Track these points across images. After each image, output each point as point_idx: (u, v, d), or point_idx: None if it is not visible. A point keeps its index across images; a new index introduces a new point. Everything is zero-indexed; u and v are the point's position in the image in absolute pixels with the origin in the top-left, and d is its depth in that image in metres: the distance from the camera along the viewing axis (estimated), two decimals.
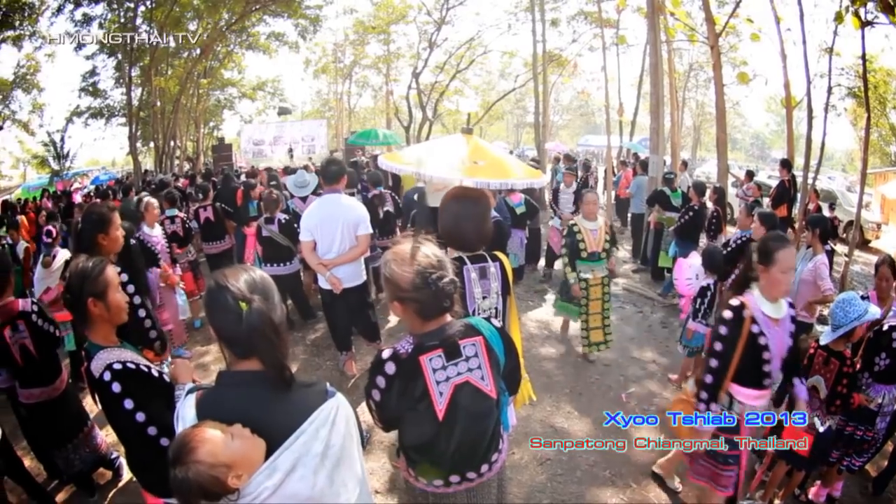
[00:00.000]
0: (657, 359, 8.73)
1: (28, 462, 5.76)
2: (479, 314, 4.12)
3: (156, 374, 3.24)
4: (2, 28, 32.99)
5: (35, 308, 5.48)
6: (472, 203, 4.24)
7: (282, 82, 54.71)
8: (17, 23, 34.39)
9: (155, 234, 8.90)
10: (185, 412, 2.32)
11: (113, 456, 6.38)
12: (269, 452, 2.13)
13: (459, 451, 3.10)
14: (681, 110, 34.02)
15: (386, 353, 2.95)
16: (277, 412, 2.22)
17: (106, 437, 6.48)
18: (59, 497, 5.95)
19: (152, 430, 3.02)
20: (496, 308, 4.37)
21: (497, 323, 3.24)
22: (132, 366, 3.09)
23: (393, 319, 10.52)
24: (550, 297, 11.32)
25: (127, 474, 6.39)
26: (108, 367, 3.02)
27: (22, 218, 13.52)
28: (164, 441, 2.99)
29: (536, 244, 13.87)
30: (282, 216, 9.53)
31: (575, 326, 9.27)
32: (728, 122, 15.91)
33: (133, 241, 7.03)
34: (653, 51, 15.59)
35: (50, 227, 9.21)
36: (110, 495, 6.20)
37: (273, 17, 36.66)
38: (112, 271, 3.25)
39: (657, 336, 9.68)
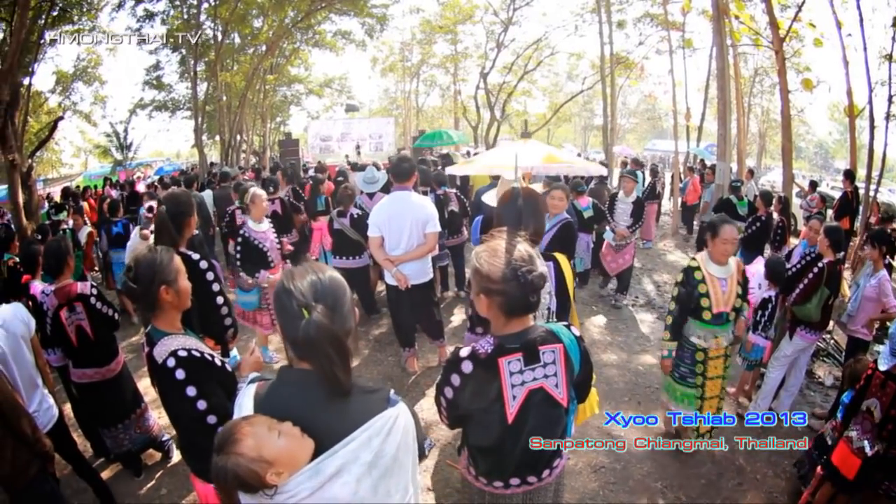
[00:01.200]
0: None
1: (74, 438, 5.82)
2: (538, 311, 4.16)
3: (218, 363, 3.28)
4: (60, 23, 33.47)
5: (94, 291, 5.70)
6: (527, 200, 4.38)
7: (349, 80, 54.85)
8: (75, 18, 34.91)
9: (262, 229, 8.15)
10: (244, 401, 2.35)
11: (164, 438, 6.57)
12: (318, 454, 2.12)
13: (524, 455, 3.08)
14: (747, 116, 33.34)
15: (464, 352, 2.95)
16: (332, 415, 2.20)
17: (158, 419, 6.66)
18: (104, 474, 6.09)
19: (212, 419, 3.06)
20: (549, 308, 4.44)
21: (577, 332, 3.21)
22: (197, 353, 3.13)
23: (456, 319, 10.52)
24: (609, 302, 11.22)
25: (176, 457, 6.57)
26: (173, 353, 3.06)
27: (84, 204, 13.77)
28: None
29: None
30: (355, 211, 9.62)
31: (652, 329, 9.45)
32: (793, 130, 15.63)
33: (239, 237, 7.23)
34: (719, 55, 15.33)
35: (151, 204, 9.59)
36: (157, 476, 6.36)
37: (339, 16, 36.74)
38: (178, 258, 3.31)
39: None
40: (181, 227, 4.63)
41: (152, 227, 7.47)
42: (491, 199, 6.69)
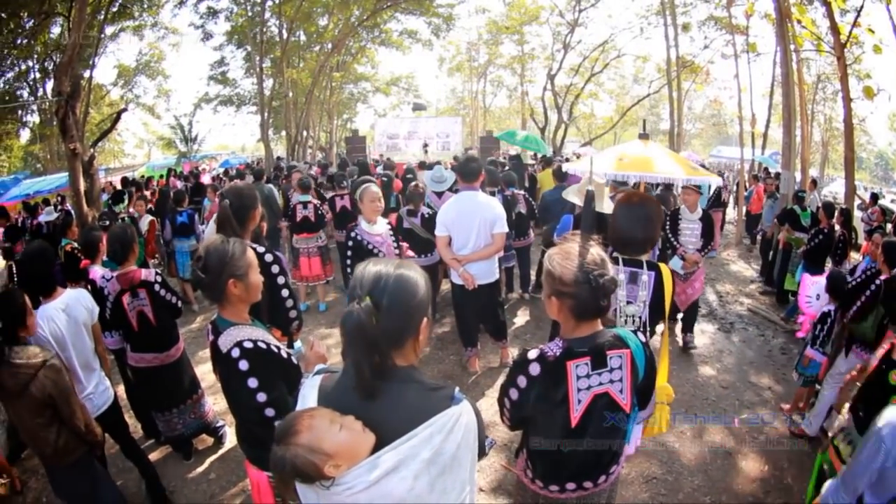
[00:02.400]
0: (773, 385, 8.28)
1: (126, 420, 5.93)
2: (619, 318, 4.20)
3: (284, 355, 3.27)
4: (120, 18, 34.06)
5: (158, 278, 5.78)
6: (642, 206, 4.34)
7: (416, 78, 55.50)
8: (136, 13, 35.54)
9: (377, 231, 7.60)
10: (307, 392, 2.34)
11: (218, 424, 6.65)
12: (379, 448, 2.08)
13: (583, 460, 3.09)
14: (810, 124, 32.88)
15: (532, 354, 2.94)
16: (397, 410, 2.16)
17: (214, 405, 6.74)
18: (153, 455, 6.24)
19: (270, 412, 3.05)
20: (640, 317, 4.38)
21: (643, 338, 3.18)
22: (262, 345, 3.14)
23: (519, 320, 10.47)
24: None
25: (229, 444, 6.65)
26: (239, 344, 3.06)
27: (147, 194, 13.98)
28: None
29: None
30: (426, 210, 9.56)
31: (712, 340, 9.31)
32: (854, 140, 15.35)
33: (350, 242, 7.21)
34: (783, 60, 15.06)
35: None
36: (208, 461, 6.44)
37: (405, 15, 37.19)
38: (251, 252, 3.27)
39: (776, 362, 9.19)
40: (244, 221, 4.60)
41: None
42: (572, 196, 6.71)
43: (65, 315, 4.77)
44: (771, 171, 20.82)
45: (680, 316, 9.52)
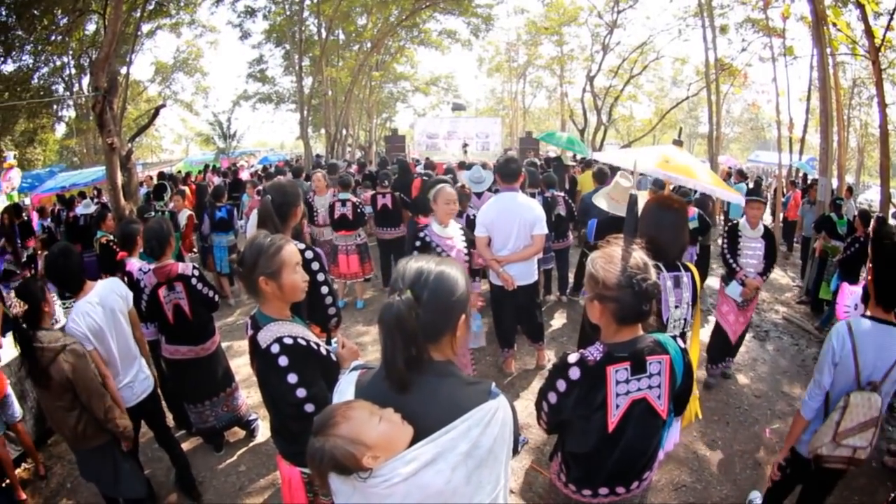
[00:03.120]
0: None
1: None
2: (670, 323, 4.20)
3: (323, 352, 3.29)
4: (157, 16, 34.38)
5: (195, 272, 5.85)
6: (673, 211, 4.34)
7: (455, 78, 55.67)
8: (172, 11, 35.85)
9: (448, 234, 6.96)
10: (345, 387, 2.40)
11: (251, 418, 6.73)
12: (416, 440, 2.09)
13: (618, 465, 3.08)
14: (846, 130, 32.42)
15: (573, 358, 2.94)
16: (433, 404, 2.17)
17: (247, 398, 6.80)
18: (184, 446, 6.27)
19: (310, 408, 3.06)
20: (685, 319, 4.37)
21: (682, 344, 3.18)
22: (303, 342, 3.14)
23: (556, 323, 10.44)
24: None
25: (261, 437, 6.72)
26: (278, 339, 3.07)
27: (185, 189, 14.11)
28: None
29: (706, 261, 12.86)
30: (472, 212, 9.59)
31: (747, 349, 9.17)
32: (890, 146, 15.10)
33: (417, 242, 7.24)
34: (819, 63, 14.78)
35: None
36: (238, 453, 6.52)
37: (444, 15, 37.17)
38: (290, 251, 3.22)
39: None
40: (286, 217, 4.66)
41: None
42: (601, 202, 6.74)
43: (100, 307, 4.84)
44: (809, 178, 20.48)
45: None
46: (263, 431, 6.78)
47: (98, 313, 4.80)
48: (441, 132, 40.79)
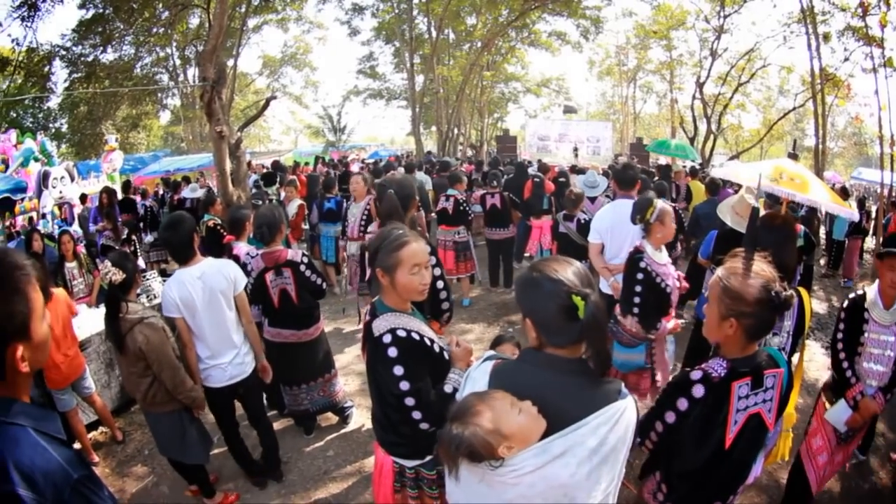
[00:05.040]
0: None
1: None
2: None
3: (437, 349, 3.29)
4: (262, 11, 34.98)
5: (304, 259, 6.01)
6: (779, 229, 4.24)
7: (566, 81, 55.32)
8: (279, 7, 36.46)
9: (663, 261, 6.01)
10: (478, 376, 2.44)
11: (346, 405, 6.84)
12: (548, 434, 2.15)
13: (724, 481, 3.03)
14: None
15: (696, 375, 2.87)
16: (568, 399, 2.22)
17: (344, 385, 6.92)
18: (274, 425, 6.32)
19: (410, 401, 3.07)
20: (784, 349, 4.21)
21: (785, 357, 3.10)
22: (416, 336, 3.16)
23: None
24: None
25: (353, 425, 6.82)
26: (392, 331, 3.10)
27: (295, 178, 14.31)
28: (416, 414, 3.09)
29: (808, 283, 12.51)
30: (582, 215, 9.33)
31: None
32: None
33: (640, 275, 7.17)
34: None
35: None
36: (328, 438, 6.61)
37: (553, 16, 37.20)
38: (411, 251, 3.15)
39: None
40: (406, 209, 4.80)
41: None
42: (725, 216, 6.58)
43: (200, 282, 4.96)
44: None
45: None
46: (357, 419, 6.91)
47: (196, 287, 4.94)
48: (552, 134, 40.39)
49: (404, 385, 3.04)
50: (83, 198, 17.00)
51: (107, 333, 4.70)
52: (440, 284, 4.57)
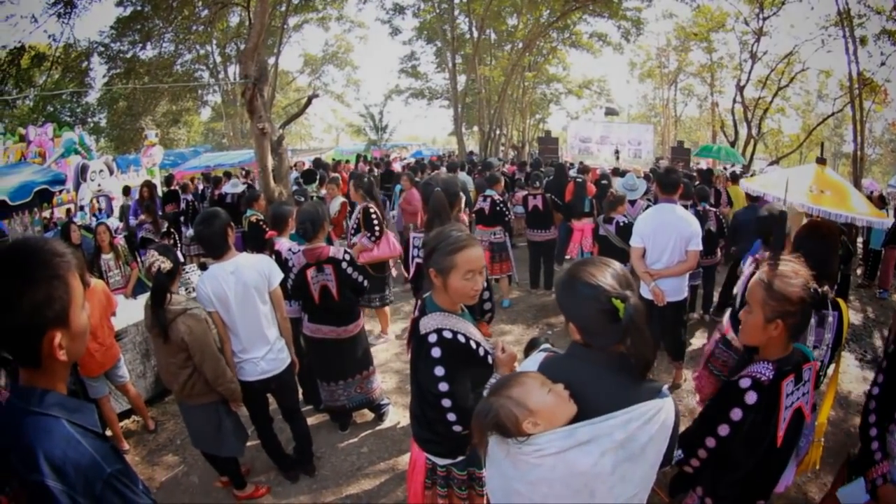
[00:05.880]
0: None
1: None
2: None
3: (481, 353, 3.27)
4: (302, 10, 35.20)
5: (347, 257, 6.01)
6: (822, 239, 4.19)
7: (608, 83, 55.43)
8: (319, 6, 36.66)
9: None
10: (529, 366, 2.51)
11: (383, 402, 6.85)
12: (577, 421, 2.18)
13: (772, 477, 3.04)
14: None
15: (745, 382, 2.82)
16: (603, 391, 2.23)
17: (382, 383, 6.91)
18: (309, 420, 6.34)
19: (446, 403, 3.08)
20: (822, 362, 4.11)
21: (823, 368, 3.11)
22: (461, 338, 3.16)
23: (696, 342, 9.82)
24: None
25: (389, 422, 6.82)
26: (438, 331, 3.11)
27: (338, 176, 14.36)
28: (451, 416, 3.10)
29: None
30: (621, 218, 9.31)
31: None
32: None
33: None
34: None
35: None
36: (362, 434, 6.62)
37: (594, 17, 37.14)
38: (468, 257, 3.11)
39: None
40: (451, 207, 4.87)
41: None
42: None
43: (233, 277, 5.00)
44: None
45: None
46: (392, 417, 6.91)
47: (229, 282, 4.98)
48: (594, 136, 40.39)
49: (443, 386, 3.05)
50: (126, 190, 17.17)
51: (152, 323, 4.71)
52: (483, 284, 4.54)
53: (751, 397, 2.76)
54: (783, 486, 3.56)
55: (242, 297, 5.04)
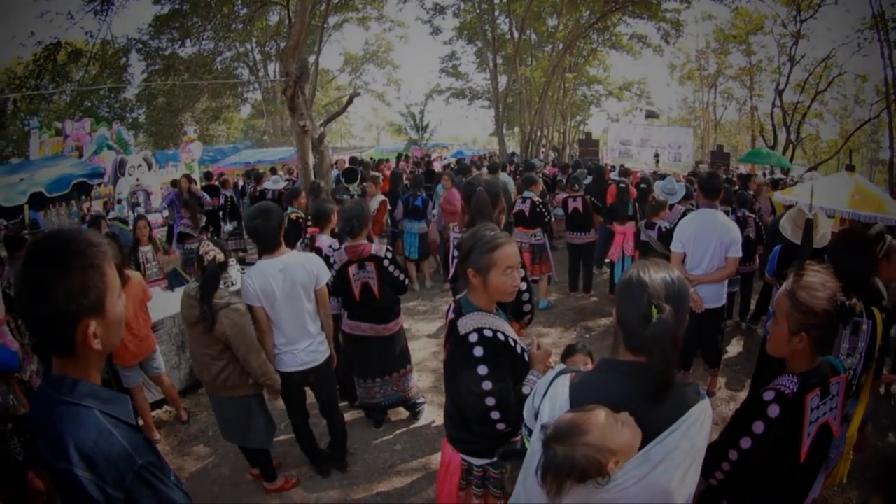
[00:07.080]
0: None
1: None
2: None
3: (518, 350, 3.28)
4: (342, 9, 35.37)
5: (388, 255, 6.06)
6: (859, 246, 4.13)
7: (648, 85, 55.36)
8: (359, 5, 36.85)
9: None
10: (557, 392, 2.38)
11: (419, 401, 6.88)
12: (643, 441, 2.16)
13: (797, 494, 2.97)
14: None
15: (768, 395, 2.75)
16: (653, 406, 2.20)
17: (418, 381, 6.96)
18: (345, 417, 6.38)
19: (490, 401, 3.07)
20: (855, 370, 4.06)
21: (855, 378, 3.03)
22: (501, 336, 3.15)
23: (732, 350, 9.78)
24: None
25: (423, 421, 6.84)
26: (478, 330, 3.11)
27: (378, 174, 14.40)
28: (495, 414, 3.09)
29: (879, 299, 12.02)
30: (663, 223, 9.20)
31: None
32: None
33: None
34: None
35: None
36: (397, 432, 6.65)
37: (634, 19, 37.01)
38: (506, 253, 3.16)
39: None
40: (493, 207, 4.84)
41: None
42: (785, 228, 6.50)
43: (281, 274, 5.03)
44: None
45: None
46: (427, 416, 6.93)
47: (277, 279, 5.02)
48: (634, 139, 39.97)
49: (487, 385, 3.05)
50: (174, 183, 17.18)
51: (200, 314, 4.75)
52: (523, 286, 4.50)
53: (773, 410, 2.72)
54: (809, 499, 3.52)
55: (289, 294, 5.09)
